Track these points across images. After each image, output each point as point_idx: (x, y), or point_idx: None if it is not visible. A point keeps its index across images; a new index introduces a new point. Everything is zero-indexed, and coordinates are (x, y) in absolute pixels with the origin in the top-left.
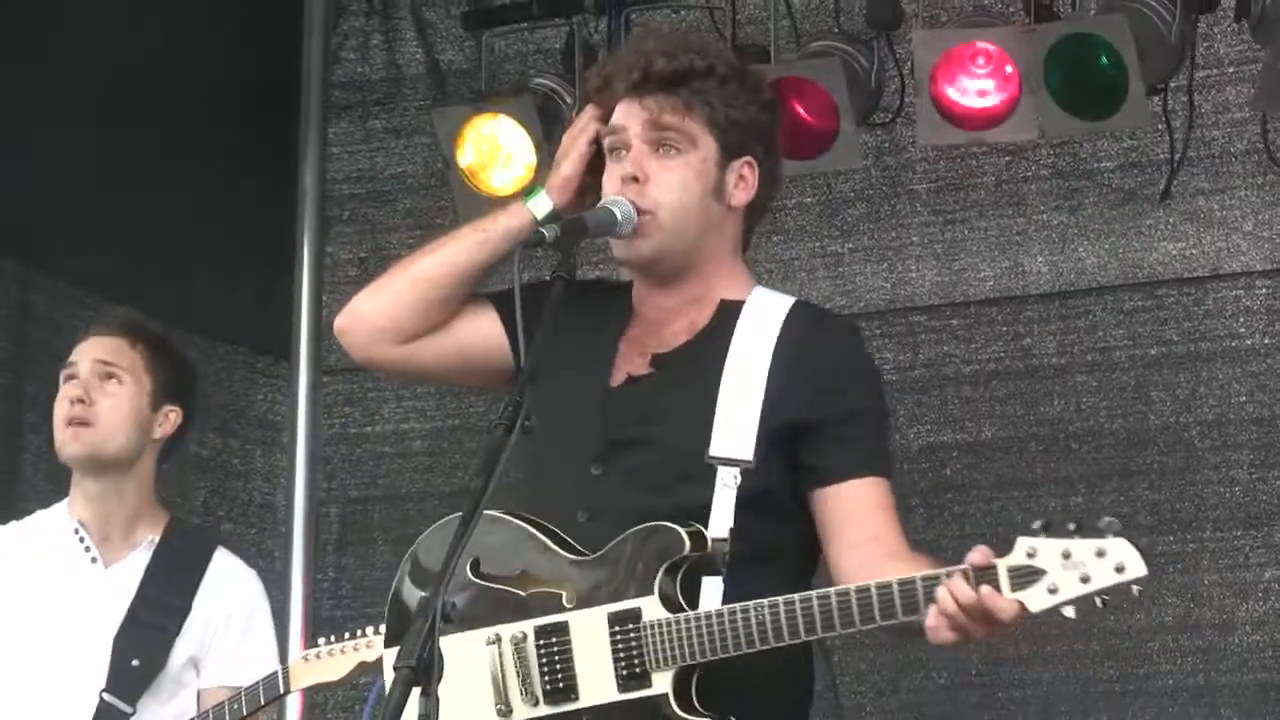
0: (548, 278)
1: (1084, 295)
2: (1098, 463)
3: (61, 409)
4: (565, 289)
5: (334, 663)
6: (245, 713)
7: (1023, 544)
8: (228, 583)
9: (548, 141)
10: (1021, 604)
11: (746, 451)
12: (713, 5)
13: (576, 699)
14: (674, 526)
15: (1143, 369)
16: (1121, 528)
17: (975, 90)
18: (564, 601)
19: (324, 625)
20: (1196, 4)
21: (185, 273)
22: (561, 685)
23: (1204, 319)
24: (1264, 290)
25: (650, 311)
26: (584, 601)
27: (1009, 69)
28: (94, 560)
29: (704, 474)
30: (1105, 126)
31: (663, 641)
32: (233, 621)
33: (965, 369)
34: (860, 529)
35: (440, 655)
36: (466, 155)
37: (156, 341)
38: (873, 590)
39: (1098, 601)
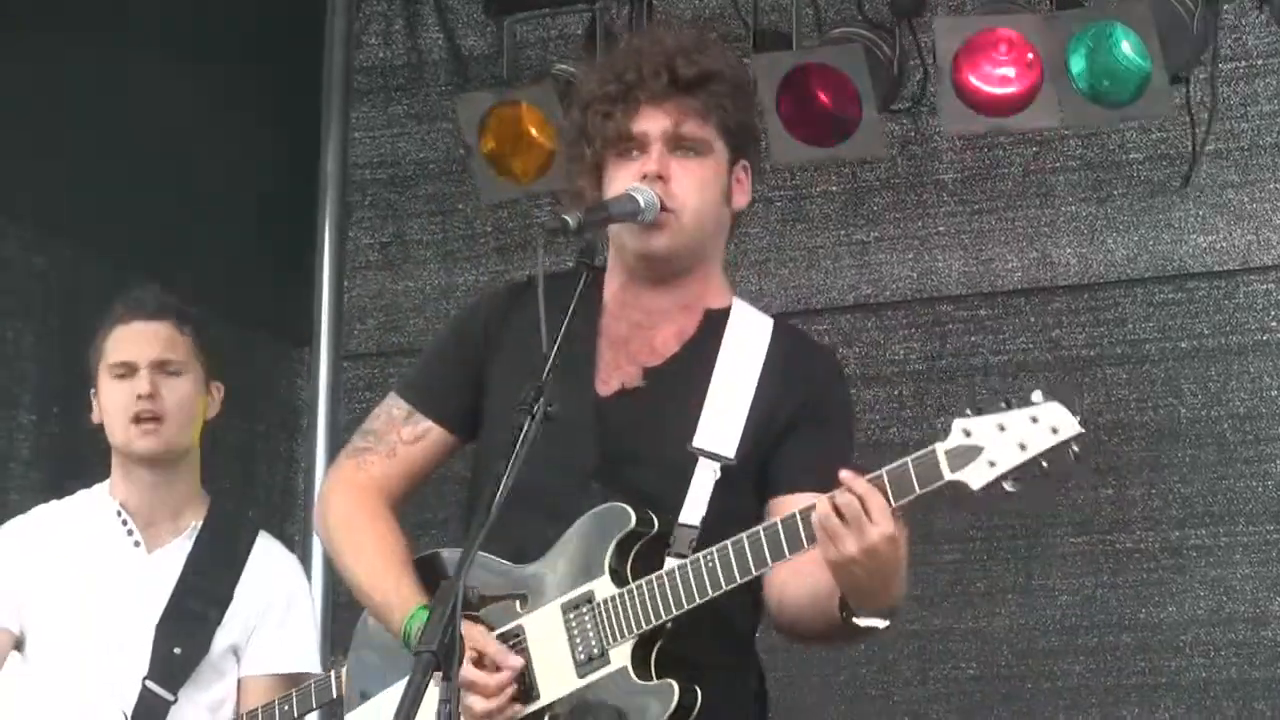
0: (570, 264)
1: (1113, 287)
2: (1128, 455)
3: (125, 405)
4: (524, 290)
5: None
6: (296, 715)
7: (958, 425)
8: (270, 570)
9: None
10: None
11: (729, 449)
12: None
13: (538, 697)
14: (619, 504)
15: (1173, 362)
16: (1052, 394)
17: (997, 77)
18: (518, 608)
19: (343, 610)
20: None
21: (207, 257)
22: (522, 688)
23: (1235, 312)
24: None
25: (636, 314)
26: (537, 601)
27: (1031, 56)
28: (137, 544)
29: (685, 463)
30: (1127, 114)
31: (617, 616)
32: (274, 609)
33: (993, 359)
34: None
35: (460, 640)
36: (488, 141)
37: (195, 322)
38: (779, 524)
39: (1040, 467)
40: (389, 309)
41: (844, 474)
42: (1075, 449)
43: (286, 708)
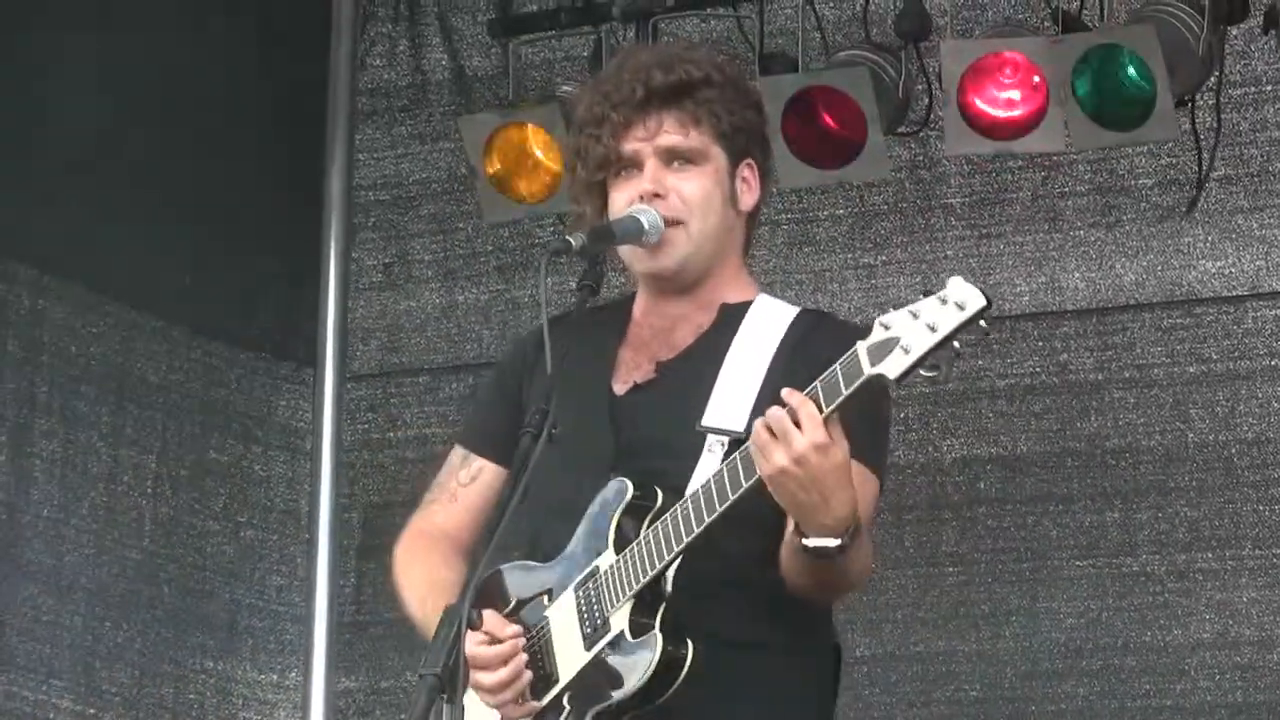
0: (574, 285)
1: (1121, 312)
2: (1135, 479)
3: None
4: (562, 319)
5: None
6: None
7: (879, 321)
8: None
9: None
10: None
11: (739, 424)
12: (741, 15)
13: (557, 681)
14: (619, 479)
15: (1181, 387)
16: (964, 278)
17: (1003, 100)
18: (545, 603)
19: (346, 630)
20: (1224, 15)
21: (209, 278)
22: (544, 674)
23: (1243, 338)
24: None
25: (657, 320)
26: (560, 592)
27: (1036, 79)
28: None
29: (695, 443)
30: (1133, 138)
31: (614, 582)
32: None
33: (1000, 383)
34: None
35: (465, 663)
36: (493, 163)
37: None
38: (737, 457)
39: (953, 348)
40: (391, 329)
41: (783, 391)
42: (984, 324)
43: None
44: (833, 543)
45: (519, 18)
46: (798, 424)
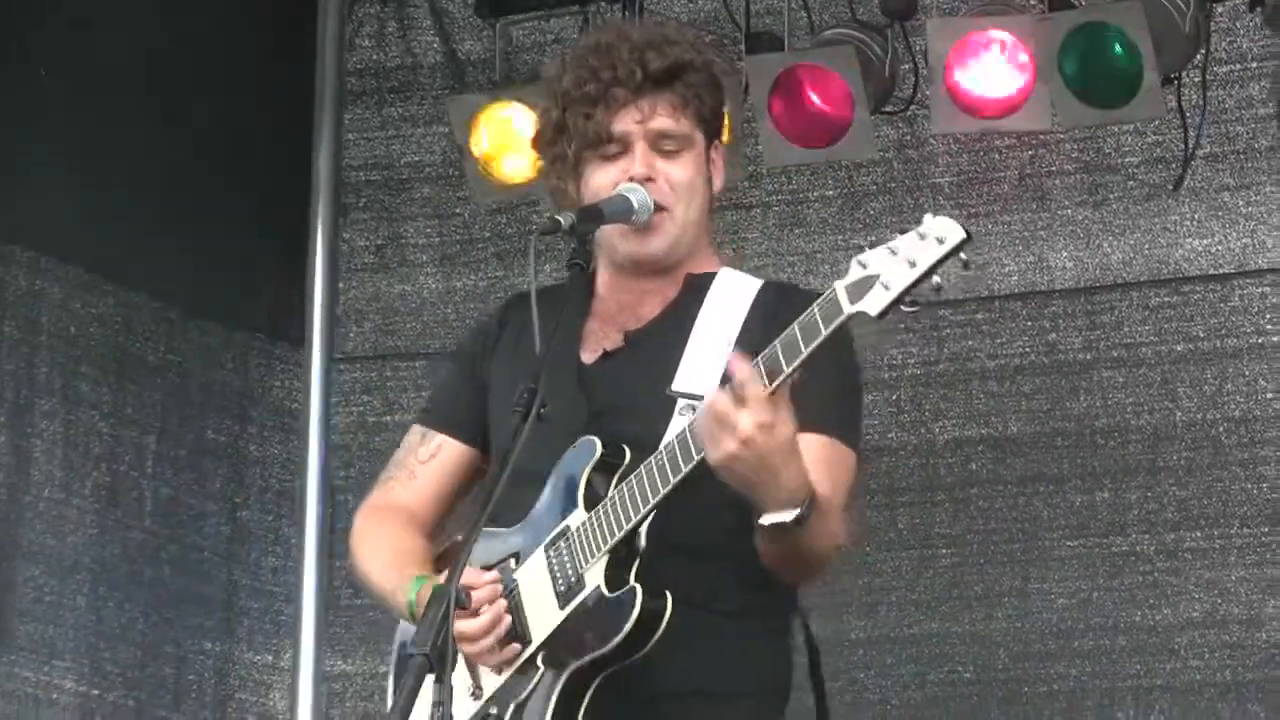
0: (565, 265)
1: (1109, 291)
2: (1124, 458)
3: None
4: (524, 298)
5: None
6: None
7: (855, 260)
8: None
9: None
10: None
11: (708, 389)
12: None
13: (530, 642)
14: (587, 438)
15: (1169, 365)
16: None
17: (990, 79)
18: (513, 565)
19: (343, 613)
20: None
21: (201, 259)
22: (516, 635)
23: (1230, 315)
24: None
25: (623, 295)
26: (528, 554)
27: (1023, 57)
28: None
29: (665, 407)
30: (1120, 116)
31: (587, 538)
32: None
33: (990, 364)
34: None
35: (454, 643)
36: (481, 143)
37: None
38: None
39: (933, 282)
40: (385, 311)
41: (729, 361)
42: (964, 256)
43: None
44: (789, 516)
45: None
46: (743, 401)
